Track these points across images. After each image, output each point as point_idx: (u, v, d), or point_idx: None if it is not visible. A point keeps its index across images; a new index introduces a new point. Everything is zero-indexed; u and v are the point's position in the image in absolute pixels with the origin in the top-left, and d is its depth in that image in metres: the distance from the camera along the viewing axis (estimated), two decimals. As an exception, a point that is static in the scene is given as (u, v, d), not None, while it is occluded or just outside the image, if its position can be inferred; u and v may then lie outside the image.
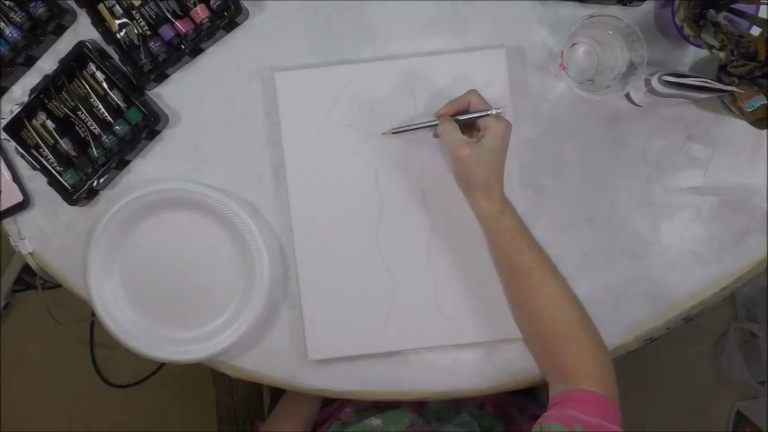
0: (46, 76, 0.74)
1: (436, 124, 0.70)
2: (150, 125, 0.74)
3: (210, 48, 0.75)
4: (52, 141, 0.75)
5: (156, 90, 0.76)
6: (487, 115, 0.67)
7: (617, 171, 0.76)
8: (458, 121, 0.68)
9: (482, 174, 0.66)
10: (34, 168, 0.76)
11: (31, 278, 1.60)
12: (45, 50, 0.76)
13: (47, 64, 0.76)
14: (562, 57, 0.68)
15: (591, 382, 0.63)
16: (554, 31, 0.74)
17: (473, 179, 0.66)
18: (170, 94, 0.76)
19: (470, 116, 0.68)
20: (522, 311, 0.70)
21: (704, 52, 0.71)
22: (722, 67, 0.64)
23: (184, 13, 0.73)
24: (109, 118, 0.75)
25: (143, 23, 0.73)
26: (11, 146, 0.76)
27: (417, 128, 0.72)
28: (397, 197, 0.75)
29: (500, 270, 0.70)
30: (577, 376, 0.63)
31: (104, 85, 0.74)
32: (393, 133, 0.73)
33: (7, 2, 0.73)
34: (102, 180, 0.75)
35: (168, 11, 0.73)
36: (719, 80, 0.64)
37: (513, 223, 0.67)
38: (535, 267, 0.66)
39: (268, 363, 0.78)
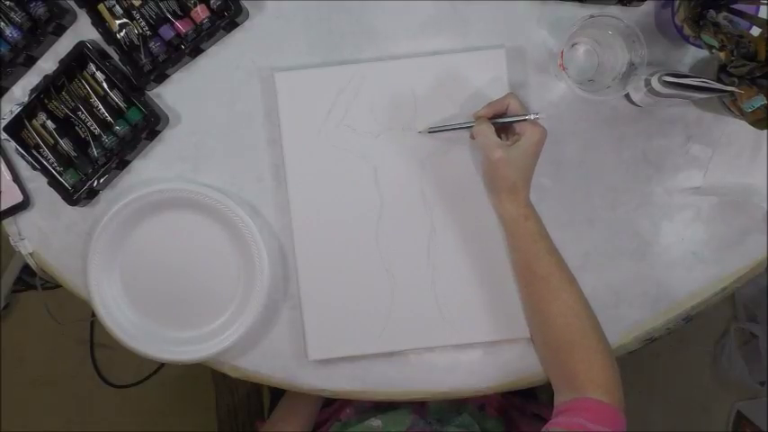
0: (46, 77, 0.74)
1: (472, 125, 0.70)
2: (150, 125, 0.74)
3: (210, 48, 0.75)
4: (52, 141, 0.75)
5: (156, 90, 0.76)
6: (524, 120, 0.67)
7: (617, 171, 0.76)
8: (495, 124, 0.68)
9: (511, 177, 0.66)
10: (34, 168, 0.76)
11: (31, 278, 1.60)
12: (45, 51, 0.76)
13: (47, 64, 0.76)
14: (562, 57, 0.68)
15: (600, 392, 0.63)
16: (554, 31, 0.74)
17: (501, 182, 0.67)
18: (170, 94, 0.76)
19: (508, 120, 0.69)
20: (536, 316, 0.70)
21: (704, 52, 0.71)
22: (722, 67, 0.63)
23: (184, 13, 0.73)
24: (109, 118, 0.75)
25: (143, 23, 0.73)
26: (11, 146, 0.76)
27: (454, 128, 0.72)
28: (397, 197, 0.75)
29: (518, 273, 0.70)
30: (587, 385, 0.64)
31: (104, 85, 0.74)
32: (429, 132, 0.72)
33: (7, 2, 0.73)
34: (102, 180, 0.75)
35: (168, 11, 0.73)
36: (719, 80, 0.64)
37: (535, 228, 0.67)
38: (554, 273, 0.67)
39: (268, 363, 0.78)
